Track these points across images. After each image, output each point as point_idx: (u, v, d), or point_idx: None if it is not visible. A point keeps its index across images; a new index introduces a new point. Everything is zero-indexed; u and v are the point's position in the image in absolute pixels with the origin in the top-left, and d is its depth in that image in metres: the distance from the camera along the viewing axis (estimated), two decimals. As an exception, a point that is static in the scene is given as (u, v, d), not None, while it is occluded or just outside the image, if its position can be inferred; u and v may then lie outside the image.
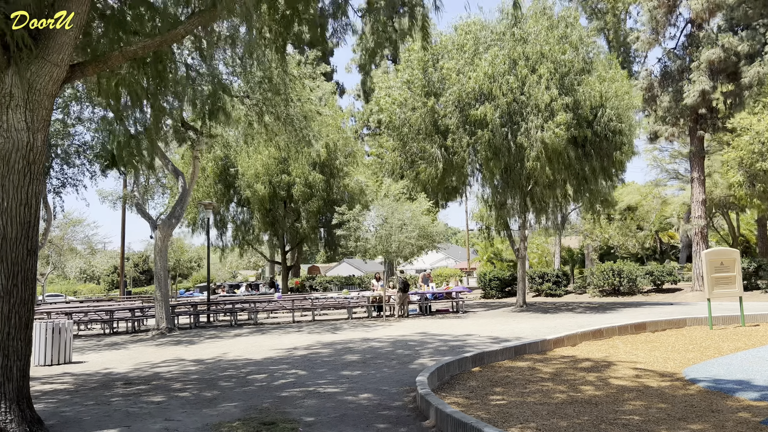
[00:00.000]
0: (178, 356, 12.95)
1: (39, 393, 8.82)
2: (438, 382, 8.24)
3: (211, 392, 8.40)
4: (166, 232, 18.88)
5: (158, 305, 18.61)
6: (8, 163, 6.03)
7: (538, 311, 21.31)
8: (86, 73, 6.64)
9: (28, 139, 6.14)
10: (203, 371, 10.50)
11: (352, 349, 12.71)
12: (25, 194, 6.13)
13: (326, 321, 20.80)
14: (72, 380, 10.16)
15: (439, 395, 7.26)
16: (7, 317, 5.84)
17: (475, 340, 13.27)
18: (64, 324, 12.77)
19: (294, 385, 8.64)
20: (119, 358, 13.07)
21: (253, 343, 14.80)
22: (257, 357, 12.17)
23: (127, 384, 9.40)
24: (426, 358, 10.83)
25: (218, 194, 29.19)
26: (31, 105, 6.16)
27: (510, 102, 19.33)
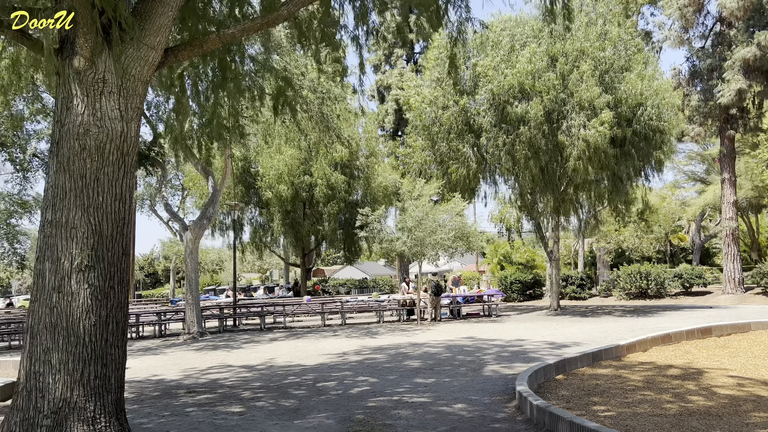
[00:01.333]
0: (224, 362, 12.43)
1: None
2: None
3: (288, 401, 7.89)
4: (197, 233, 18.37)
5: (189, 308, 18.09)
6: (102, 154, 5.53)
7: (575, 314, 20.81)
8: (180, 57, 6.15)
9: (122, 128, 5.64)
10: (262, 378, 9.99)
11: (408, 354, 12.20)
12: (120, 188, 5.64)
13: (358, 325, 20.29)
14: (126, 388, 9.63)
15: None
16: (104, 322, 5.34)
17: (532, 346, 12.77)
18: (107, 328, 12.24)
19: (373, 394, 8.14)
20: (162, 364, 12.56)
21: (295, 348, 14.29)
22: (309, 362, 11.67)
23: (190, 392, 8.89)
24: (494, 365, 10.33)
25: (238, 196, 28.67)
26: (125, 92, 5.67)
27: (551, 100, 18.86)
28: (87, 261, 5.29)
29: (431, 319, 20.29)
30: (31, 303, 5.35)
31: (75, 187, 5.43)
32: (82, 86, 5.52)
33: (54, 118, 5.72)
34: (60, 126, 5.57)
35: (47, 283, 5.27)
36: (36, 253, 5.50)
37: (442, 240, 18.80)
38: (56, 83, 5.75)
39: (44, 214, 5.50)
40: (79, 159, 5.46)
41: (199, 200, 32.18)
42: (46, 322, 5.20)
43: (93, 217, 5.42)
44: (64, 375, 5.11)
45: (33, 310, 5.30)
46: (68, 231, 5.35)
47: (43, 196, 5.59)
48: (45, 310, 5.23)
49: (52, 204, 5.43)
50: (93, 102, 5.54)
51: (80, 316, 5.22)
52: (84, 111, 5.51)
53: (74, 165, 5.45)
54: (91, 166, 5.48)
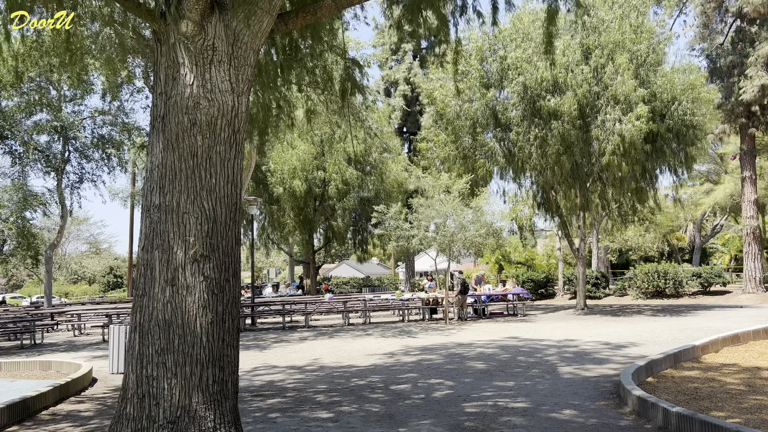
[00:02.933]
0: (266, 362, 11.79)
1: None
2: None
3: (373, 406, 7.29)
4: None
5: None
6: (214, 131, 4.91)
7: (605, 314, 20.38)
8: (291, 25, 5.52)
9: (233, 102, 5.02)
10: (321, 380, 9.37)
11: (462, 355, 11.64)
12: (232, 170, 5.01)
13: (383, 324, 19.69)
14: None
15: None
16: (221, 319, 4.71)
17: (588, 346, 12.28)
18: (145, 327, 11.54)
19: (462, 398, 7.56)
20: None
21: (334, 348, 13.67)
22: (361, 363, 11.07)
23: (257, 396, 8.25)
24: (566, 367, 9.79)
25: (248, 191, 27.92)
26: (236, 61, 5.04)
27: (584, 93, 18.39)
28: (203, 250, 4.67)
29: (457, 319, 19.75)
30: (138, 297, 4.72)
31: (185, 168, 4.80)
32: (190, 54, 4.89)
33: (155, 90, 5.08)
34: (165, 98, 4.94)
35: (158, 275, 4.64)
36: (140, 241, 4.86)
37: (473, 236, 18.27)
38: (156, 50, 5.11)
39: (148, 197, 4.86)
40: (189, 136, 4.84)
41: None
42: (158, 319, 4.57)
43: (206, 202, 4.80)
44: (181, 379, 4.48)
45: (141, 306, 4.66)
46: (180, 216, 4.72)
47: (146, 177, 4.95)
48: (157, 305, 4.60)
49: (159, 186, 4.80)
50: (202, 72, 4.91)
51: (196, 313, 4.60)
52: (193, 82, 4.89)
53: (184, 143, 4.83)
54: (203, 144, 4.86)
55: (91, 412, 7.54)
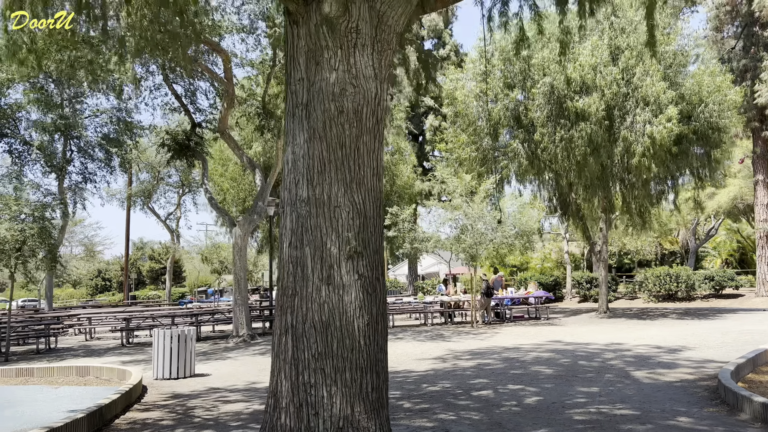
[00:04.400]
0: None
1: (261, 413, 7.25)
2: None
3: (474, 414, 6.94)
4: (246, 230, 17.22)
5: (238, 310, 16.92)
6: (361, 120, 4.56)
7: (631, 317, 20.24)
8: (428, 8, 5.19)
9: (376, 89, 4.67)
10: (390, 386, 9.00)
11: (520, 359, 11.34)
12: (376, 161, 4.67)
13: (407, 327, 19.34)
14: (247, 397, 8.55)
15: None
16: (375, 321, 4.36)
17: (642, 350, 12.06)
18: (189, 332, 11.11)
19: (560, 405, 7.24)
20: (246, 370, 11.46)
21: (409, 352, 13.29)
22: (418, 368, 10.74)
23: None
24: (637, 371, 9.52)
25: (263, 193, 27.37)
26: (379, 45, 4.70)
27: (613, 94, 18.25)
28: (358, 247, 4.31)
29: (482, 322, 19.48)
30: (287, 297, 4.34)
31: (334, 159, 4.44)
32: (334, 37, 4.54)
33: (291, 76, 4.72)
34: (307, 84, 4.57)
35: (311, 274, 4.28)
36: (284, 237, 4.49)
37: (503, 238, 18.02)
38: (290, 34, 4.75)
39: (293, 190, 4.49)
40: (337, 125, 4.48)
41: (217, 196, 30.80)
42: (314, 321, 4.20)
43: (357, 195, 4.45)
44: (342, 386, 4.12)
45: (293, 306, 4.29)
46: (331, 210, 4.36)
47: (289, 168, 4.58)
48: (312, 305, 4.23)
49: (307, 178, 4.44)
50: (347, 56, 4.56)
51: (353, 314, 4.24)
52: (338, 66, 4.54)
53: (331, 131, 4.47)
54: (350, 133, 4.51)
55: (169, 421, 7.11)
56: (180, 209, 43.71)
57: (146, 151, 39.92)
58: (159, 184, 43.59)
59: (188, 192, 42.66)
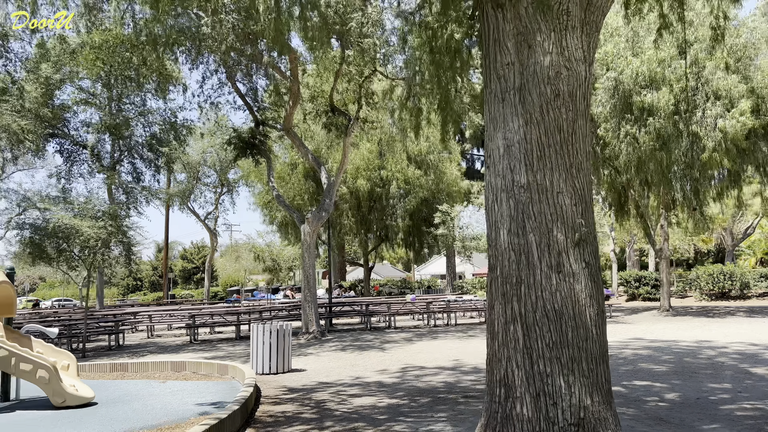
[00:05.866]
0: (409, 362, 11.32)
1: (408, 409, 7.18)
2: None
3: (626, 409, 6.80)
4: (315, 227, 17.21)
5: (308, 306, 16.92)
6: (575, 103, 4.46)
7: (698, 315, 19.92)
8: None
9: (585, 73, 4.58)
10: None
11: (619, 356, 11.17)
12: (588, 146, 4.57)
13: (468, 325, 19.24)
14: (374, 390, 8.49)
15: None
16: (602, 310, 4.26)
17: (740, 347, 11.83)
18: (286, 327, 11.11)
19: (709, 402, 7.09)
20: (335, 365, 11.43)
21: (456, 348, 13.23)
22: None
23: (465, 397, 7.78)
24: (755, 368, 9.31)
25: (309, 192, 27.46)
26: (587, 27, 4.60)
27: (682, 88, 17.95)
28: (585, 233, 4.22)
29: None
30: (511, 285, 4.25)
31: (553, 143, 4.35)
32: (546, 19, 4.45)
33: (499, 60, 4.63)
34: (519, 68, 4.49)
35: (538, 261, 4.19)
36: (498, 224, 4.40)
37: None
38: (492, 18, 4.67)
39: (508, 176, 4.41)
40: (553, 108, 4.39)
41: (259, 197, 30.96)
42: (547, 310, 4.11)
43: (577, 180, 4.35)
44: (579, 376, 4.02)
45: (518, 295, 4.20)
46: (554, 196, 4.27)
47: (500, 154, 4.49)
48: (543, 294, 4.14)
49: (525, 164, 4.35)
50: (559, 39, 4.47)
51: (585, 303, 4.15)
52: (552, 49, 4.45)
53: (548, 115, 4.38)
54: (567, 116, 4.41)
55: (310, 414, 7.07)
56: (218, 209, 43.95)
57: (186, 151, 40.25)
58: (197, 184, 43.89)
59: (226, 192, 42.89)
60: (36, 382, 7.83)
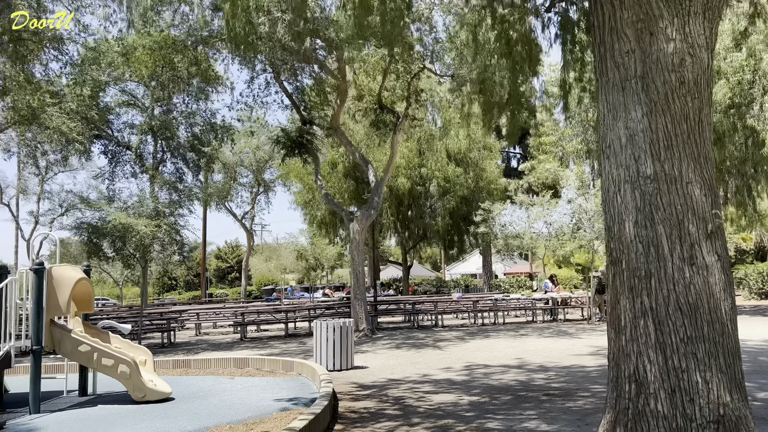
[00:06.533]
0: (471, 361, 11.22)
1: (492, 406, 7.11)
2: None
3: None
4: (363, 225, 17.22)
5: (357, 305, 16.93)
6: (700, 91, 4.33)
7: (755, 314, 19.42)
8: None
9: (708, 60, 4.44)
10: (581, 380, 8.74)
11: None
12: (712, 134, 4.42)
13: (516, 324, 19.03)
14: (442, 389, 8.43)
15: None
16: (734, 303, 4.12)
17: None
18: (349, 324, 11.11)
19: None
20: (395, 363, 11.39)
21: (511, 347, 13.07)
22: (586, 363, 10.44)
23: (549, 395, 7.66)
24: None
25: (348, 191, 27.49)
26: (710, 13, 4.46)
27: (738, 81, 17.49)
28: (716, 225, 4.09)
29: (596, 320, 18.98)
30: (639, 279, 4.14)
31: (680, 132, 4.23)
32: (668, 5, 4.32)
33: (617, 48, 4.52)
34: (640, 56, 4.38)
35: (668, 254, 4.07)
36: (623, 215, 4.29)
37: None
38: (606, 4, 4.55)
39: (632, 166, 4.30)
40: (679, 96, 4.27)
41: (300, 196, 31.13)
42: (680, 303, 4.00)
43: (705, 170, 4.23)
44: (717, 372, 3.90)
45: (649, 288, 4.09)
46: (684, 187, 4.15)
47: (622, 144, 4.37)
48: (675, 287, 4.02)
49: (651, 154, 4.24)
50: (682, 25, 4.34)
51: (719, 296, 4.02)
52: (675, 36, 4.32)
53: (674, 104, 4.26)
54: (692, 105, 4.29)
55: (393, 411, 7.03)
56: (254, 209, 44.40)
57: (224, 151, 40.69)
58: (233, 184, 44.34)
59: (262, 192, 43.26)
60: (117, 377, 7.95)
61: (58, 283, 7.99)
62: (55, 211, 41.78)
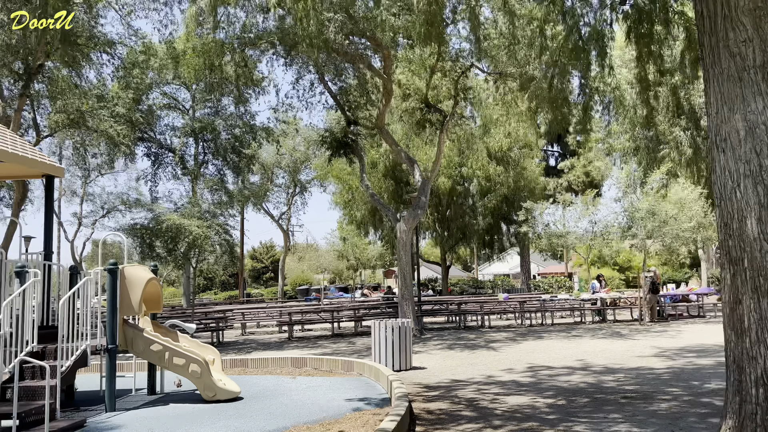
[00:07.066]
0: (531, 362, 11.03)
1: (572, 409, 6.94)
2: None
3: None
4: (410, 225, 17.12)
5: (405, 304, 16.83)
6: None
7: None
8: None
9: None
10: (655, 383, 8.49)
11: None
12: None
13: (566, 325, 18.71)
14: (512, 390, 8.28)
15: None
16: None
17: None
18: (408, 324, 11.02)
19: None
20: (452, 363, 11.26)
21: (569, 348, 12.83)
22: (654, 365, 10.18)
23: (627, 398, 7.45)
24: None
25: (389, 191, 27.40)
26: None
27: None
28: None
29: (648, 321, 18.54)
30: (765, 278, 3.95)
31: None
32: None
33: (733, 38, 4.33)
34: (762, 45, 4.19)
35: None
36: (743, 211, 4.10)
37: (681, 231, 17.04)
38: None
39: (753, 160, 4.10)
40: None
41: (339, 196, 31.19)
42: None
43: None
44: None
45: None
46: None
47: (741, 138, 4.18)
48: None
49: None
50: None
51: None
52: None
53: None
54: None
55: (468, 412, 6.91)
56: (291, 209, 44.64)
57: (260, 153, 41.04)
58: (270, 186, 44.67)
59: (299, 192, 43.48)
60: (188, 376, 7.99)
61: (131, 282, 8.08)
62: (97, 212, 42.72)
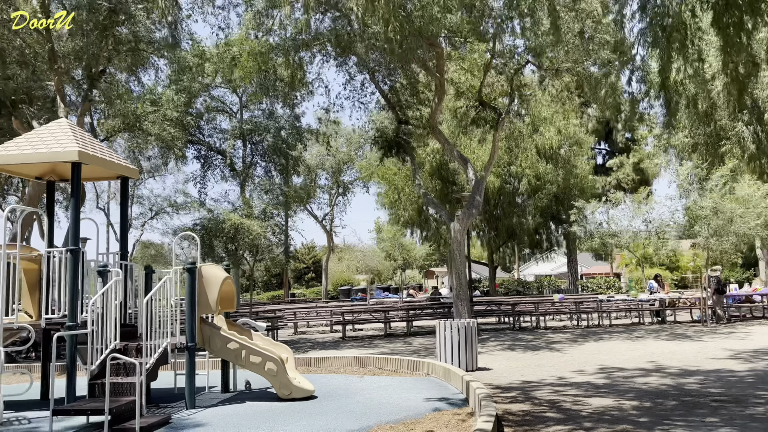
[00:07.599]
0: (603, 363, 10.76)
1: (662, 412, 6.73)
2: None
3: None
4: (464, 224, 16.96)
5: (460, 304, 16.69)
6: None
7: None
8: None
9: None
10: (745, 387, 8.16)
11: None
12: None
13: (624, 326, 18.25)
14: (591, 392, 8.07)
15: None
16: None
17: None
18: (473, 324, 10.89)
19: None
20: (518, 365, 11.08)
21: (635, 350, 12.55)
22: (736, 368, 9.78)
23: (719, 402, 7.18)
24: None
25: (435, 190, 27.25)
26: None
27: None
28: None
29: (716, 322, 17.95)
30: None
31: None
32: None
33: None
34: None
35: None
36: None
37: (750, 228, 16.43)
38: None
39: None
40: None
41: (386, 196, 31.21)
42: None
43: None
44: None
45: None
46: None
47: None
48: None
49: None
50: None
51: None
52: None
53: None
54: None
55: (553, 413, 6.76)
56: (334, 210, 44.85)
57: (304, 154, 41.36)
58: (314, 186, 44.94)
59: (342, 193, 43.64)
60: (264, 374, 8.05)
61: (208, 282, 8.18)
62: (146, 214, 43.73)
